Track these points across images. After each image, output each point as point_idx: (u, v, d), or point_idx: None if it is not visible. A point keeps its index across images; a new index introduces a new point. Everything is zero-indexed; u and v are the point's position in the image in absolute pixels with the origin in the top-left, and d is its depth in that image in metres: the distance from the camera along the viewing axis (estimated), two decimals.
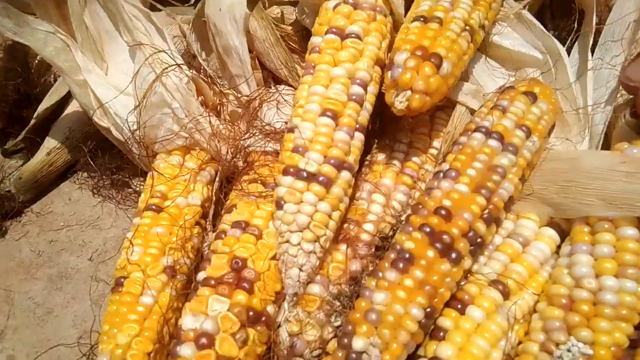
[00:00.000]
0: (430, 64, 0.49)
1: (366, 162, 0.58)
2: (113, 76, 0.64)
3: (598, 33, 0.61)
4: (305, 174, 0.47)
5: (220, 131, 0.61)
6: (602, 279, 0.43)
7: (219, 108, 0.66)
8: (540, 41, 0.62)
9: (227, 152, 0.60)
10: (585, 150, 0.54)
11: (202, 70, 0.69)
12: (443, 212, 0.46)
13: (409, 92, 0.49)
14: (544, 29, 0.62)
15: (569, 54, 0.62)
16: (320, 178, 0.47)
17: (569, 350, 0.40)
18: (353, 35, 0.53)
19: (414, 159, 0.57)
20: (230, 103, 0.65)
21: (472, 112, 0.58)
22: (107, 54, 0.65)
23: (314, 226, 0.47)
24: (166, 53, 0.59)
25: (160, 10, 0.72)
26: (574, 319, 0.42)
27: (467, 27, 0.53)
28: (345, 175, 0.49)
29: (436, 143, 0.58)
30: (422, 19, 0.53)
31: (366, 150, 0.59)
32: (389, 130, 0.60)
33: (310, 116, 0.50)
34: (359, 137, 0.51)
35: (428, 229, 0.46)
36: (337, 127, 0.50)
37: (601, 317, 0.42)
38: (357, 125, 0.51)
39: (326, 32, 0.54)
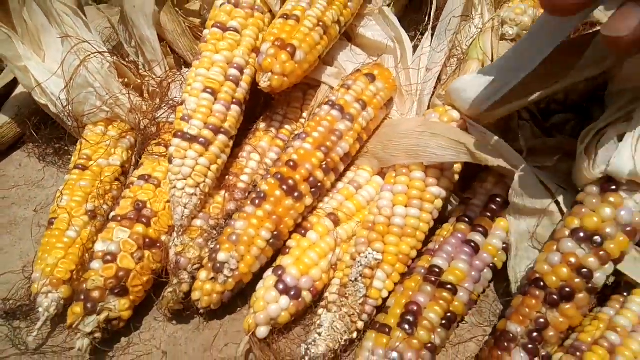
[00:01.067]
0: (285, 53, 0.65)
1: (251, 129, 0.74)
2: (48, 62, 0.78)
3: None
4: (189, 136, 0.63)
5: (140, 106, 0.76)
6: (395, 208, 0.60)
7: (142, 88, 0.81)
8: (394, 32, 0.78)
9: (141, 123, 0.75)
10: (402, 118, 0.71)
11: (128, 57, 0.84)
12: (291, 163, 0.62)
13: (269, 74, 0.65)
14: (396, 22, 0.78)
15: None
16: (200, 139, 0.63)
17: (366, 257, 0.57)
18: (232, 29, 0.68)
19: (287, 126, 0.73)
20: (149, 84, 0.80)
21: None
22: (44, 44, 0.79)
23: (194, 175, 0.62)
24: (89, 43, 0.74)
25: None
26: (372, 235, 0.59)
27: (321, 23, 0.69)
28: (222, 137, 0.65)
29: (305, 114, 0.74)
30: (284, 17, 0.68)
31: (254, 119, 0.75)
32: (271, 104, 0.76)
33: (194, 92, 0.65)
34: (235, 109, 0.67)
35: (279, 176, 0.62)
36: (215, 101, 0.65)
37: (391, 234, 0.59)
38: (234, 100, 0.67)
39: (212, 26, 0.69)
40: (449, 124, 0.62)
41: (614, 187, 0.51)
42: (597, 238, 0.50)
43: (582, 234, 0.51)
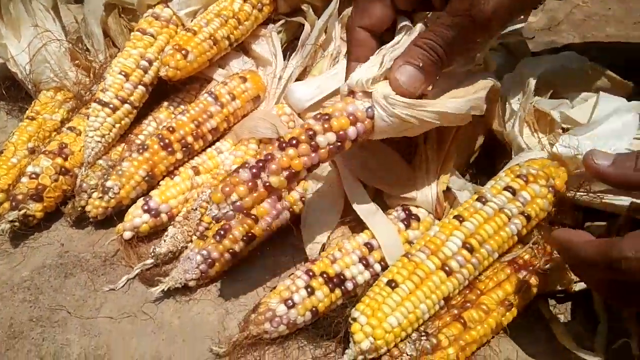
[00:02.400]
0: (180, 54, 0.93)
1: (158, 106, 1.02)
2: (22, 43, 1.06)
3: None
4: (103, 102, 0.91)
5: (81, 80, 1.04)
6: (232, 166, 0.87)
7: (89, 69, 1.09)
8: (274, 51, 1.07)
9: (80, 92, 1.03)
10: (259, 109, 0.99)
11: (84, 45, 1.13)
12: (170, 128, 0.90)
13: (167, 66, 0.93)
14: (278, 44, 1.07)
15: None
16: (110, 105, 0.91)
17: (205, 194, 0.84)
18: (149, 34, 0.97)
19: (182, 106, 1.00)
20: (93, 66, 1.08)
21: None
22: (21, 29, 1.07)
23: (102, 128, 0.90)
24: (52, 32, 1.03)
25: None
26: (213, 182, 0.86)
27: (212, 37, 0.98)
28: (127, 106, 0.93)
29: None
30: (186, 30, 0.97)
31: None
32: (176, 91, 1.05)
33: (113, 73, 0.93)
34: (141, 88, 0.95)
35: (160, 136, 0.90)
36: (126, 81, 0.93)
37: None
38: (141, 82, 0.95)
39: (136, 30, 0.98)
40: (278, 115, 0.90)
41: (351, 94, 0.68)
42: (326, 116, 0.65)
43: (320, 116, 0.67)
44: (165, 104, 1.01)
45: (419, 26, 0.67)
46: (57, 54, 1.02)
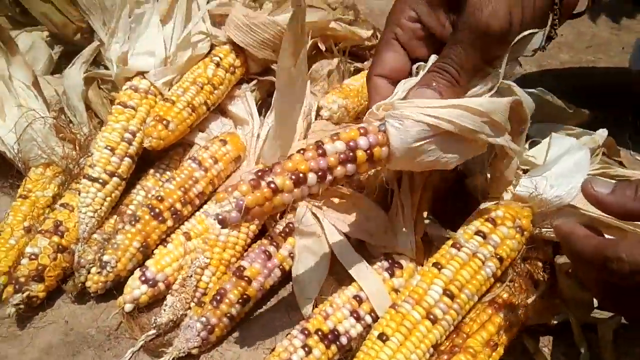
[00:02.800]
0: (162, 124, 0.98)
1: (145, 174, 1.06)
2: (8, 122, 1.10)
3: None
4: (92, 177, 0.96)
5: (69, 154, 1.08)
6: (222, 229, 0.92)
7: (75, 141, 1.14)
8: (251, 110, 1.12)
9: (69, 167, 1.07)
10: (242, 170, 1.04)
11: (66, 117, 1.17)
12: (159, 197, 0.95)
13: (150, 138, 0.98)
14: (253, 103, 1.12)
15: None
16: (100, 180, 0.96)
17: (199, 261, 0.89)
18: (130, 107, 1.02)
19: (167, 173, 1.05)
20: (78, 139, 1.12)
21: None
22: (5, 109, 1.11)
23: (94, 204, 0.94)
24: (35, 110, 1.07)
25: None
26: (205, 247, 0.91)
27: (190, 105, 1.03)
28: (115, 179, 0.97)
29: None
30: (165, 100, 1.02)
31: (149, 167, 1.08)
32: (161, 157, 1.09)
33: (99, 148, 0.98)
34: (127, 160, 0.99)
35: (150, 205, 0.94)
36: (113, 154, 0.98)
37: (216, 247, 0.91)
38: (127, 154, 0.99)
39: (117, 104, 1.03)
40: None
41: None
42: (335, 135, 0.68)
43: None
44: (152, 171, 1.06)
45: (432, 57, 0.67)
46: (43, 131, 1.06)
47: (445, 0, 0.66)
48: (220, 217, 0.53)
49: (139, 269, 0.91)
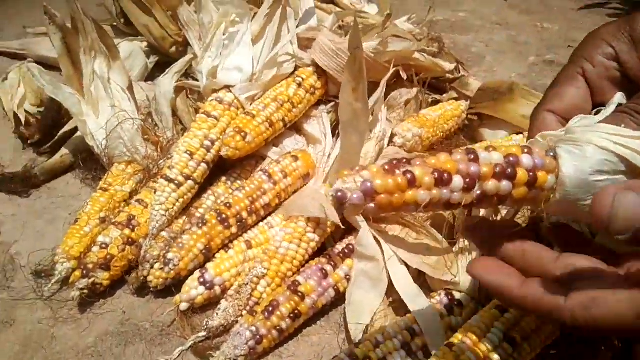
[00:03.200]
0: (240, 135, 1.02)
1: (217, 180, 1.10)
2: (101, 120, 1.18)
3: None
4: (169, 178, 1.00)
5: (150, 155, 1.15)
6: (282, 242, 0.92)
7: (158, 144, 1.20)
8: (325, 131, 1.14)
9: (149, 166, 1.13)
10: (309, 186, 1.05)
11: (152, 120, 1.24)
12: (227, 204, 0.97)
13: (227, 147, 1.01)
14: (328, 125, 1.14)
15: None
16: (176, 181, 1.00)
17: (256, 270, 0.89)
18: (213, 117, 1.07)
19: (238, 182, 1.08)
20: (161, 142, 1.18)
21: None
22: (99, 107, 1.20)
23: (167, 203, 0.98)
24: (126, 111, 1.14)
25: None
26: (264, 257, 0.91)
27: (268, 120, 1.06)
28: (190, 182, 1.01)
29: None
30: (246, 113, 1.06)
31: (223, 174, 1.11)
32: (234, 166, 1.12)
33: (179, 152, 1.03)
34: (204, 166, 1.03)
35: (218, 211, 0.97)
36: (191, 159, 1.02)
37: (275, 259, 0.91)
38: (204, 160, 1.03)
39: (201, 113, 1.08)
40: (326, 194, 0.96)
41: None
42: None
43: None
44: (224, 178, 1.09)
45: (619, 95, 0.55)
46: (131, 131, 1.13)
47: None
48: (339, 193, 0.42)
49: (199, 270, 0.93)
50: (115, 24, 1.65)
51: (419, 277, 0.90)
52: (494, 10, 2.28)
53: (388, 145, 1.11)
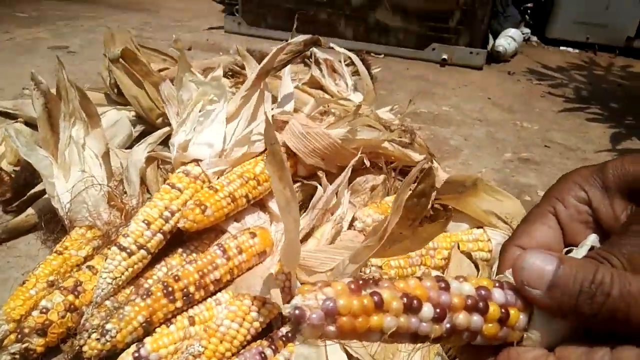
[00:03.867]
0: (199, 208, 1.03)
1: (173, 252, 1.09)
2: (69, 183, 1.20)
3: None
4: (121, 246, 1.00)
5: (112, 221, 1.15)
6: (224, 320, 0.90)
7: (123, 210, 1.21)
8: None
9: (112, 232, 1.13)
10: (262, 264, 1.04)
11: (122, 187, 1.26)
12: (176, 277, 0.96)
13: (185, 219, 1.02)
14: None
15: None
16: (128, 250, 0.99)
17: (193, 347, 0.87)
18: (176, 188, 1.08)
19: (194, 254, 1.08)
20: (126, 209, 1.19)
21: None
22: (71, 171, 1.22)
23: (115, 271, 0.97)
24: (94, 177, 1.16)
25: None
26: (204, 334, 0.89)
27: (231, 195, 1.07)
28: (142, 252, 1.01)
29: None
30: (209, 187, 1.08)
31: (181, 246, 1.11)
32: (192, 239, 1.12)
33: (137, 221, 1.03)
34: (159, 236, 1.03)
35: (165, 283, 0.96)
36: (147, 229, 1.02)
37: (214, 337, 0.88)
38: (160, 231, 1.04)
39: (166, 184, 1.09)
40: (275, 274, 0.95)
41: None
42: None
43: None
44: (180, 250, 1.09)
45: (592, 237, 0.54)
46: (96, 196, 1.14)
47: (626, 187, 0.56)
48: (297, 311, 0.38)
49: (136, 344, 0.90)
50: (108, 92, 1.72)
51: None
52: (477, 107, 2.38)
53: (348, 229, 1.11)
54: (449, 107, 2.35)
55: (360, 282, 0.42)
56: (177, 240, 1.11)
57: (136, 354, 0.88)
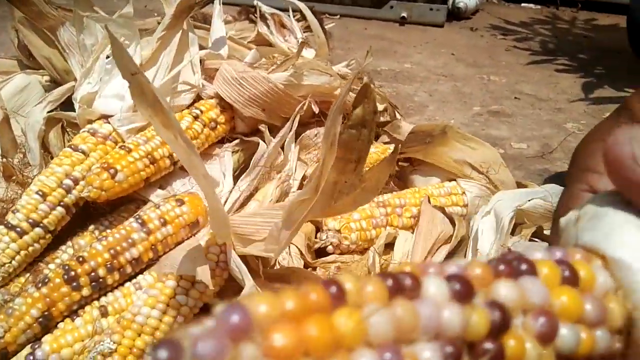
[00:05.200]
0: (107, 173, 0.82)
1: (84, 230, 0.89)
2: None
3: None
4: (9, 225, 0.79)
5: (7, 197, 0.94)
6: (142, 308, 0.71)
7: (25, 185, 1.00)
8: (224, 169, 0.96)
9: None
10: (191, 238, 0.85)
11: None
12: (80, 258, 0.76)
13: (90, 187, 0.82)
14: (230, 166, 0.96)
15: None
16: (17, 229, 0.79)
17: (102, 345, 0.68)
18: (80, 151, 0.88)
19: (108, 231, 0.88)
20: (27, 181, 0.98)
21: None
22: None
23: (2, 256, 0.77)
24: None
25: None
26: (116, 328, 0.70)
27: (149, 156, 0.87)
28: (38, 230, 0.80)
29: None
30: (121, 147, 0.88)
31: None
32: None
33: (29, 192, 0.82)
34: (60, 210, 0.83)
35: (66, 267, 0.76)
36: (43, 201, 0.82)
37: (130, 330, 0.70)
38: (61, 203, 0.83)
39: (67, 147, 0.89)
40: (206, 247, 0.76)
41: None
42: None
43: None
44: (92, 227, 0.89)
45: None
46: None
47: None
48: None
49: (31, 344, 0.71)
50: (19, 57, 1.47)
51: None
52: (440, 63, 2.22)
53: (299, 189, 0.93)
54: (411, 65, 2.18)
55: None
56: (89, 215, 0.90)
57: (30, 357, 0.68)
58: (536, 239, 0.72)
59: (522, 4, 3.46)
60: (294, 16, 1.84)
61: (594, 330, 0.24)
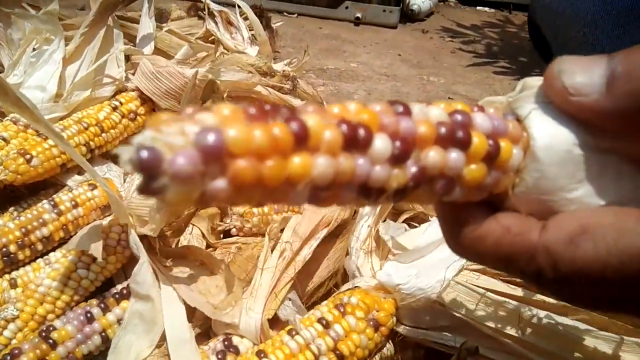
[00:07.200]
0: (23, 158, 0.89)
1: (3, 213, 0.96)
2: None
3: None
4: None
5: None
6: (45, 279, 0.79)
7: None
8: None
9: None
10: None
11: None
12: None
13: (6, 170, 0.89)
14: None
15: None
16: None
17: (5, 311, 0.75)
18: (0, 138, 0.94)
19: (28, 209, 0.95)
20: None
21: None
22: None
23: None
24: None
25: None
26: (20, 296, 0.77)
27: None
28: None
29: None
30: (39, 135, 0.94)
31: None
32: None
33: None
34: None
35: None
36: None
37: (32, 299, 0.77)
38: None
39: None
40: (109, 226, 0.84)
41: None
42: None
43: None
44: (11, 209, 0.95)
45: None
46: None
47: None
48: (144, 153, 0.20)
49: None
50: None
51: (207, 321, 0.78)
52: (385, 63, 2.32)
53: None
54: (357, 64, 2.28)
55: (268, 106, 0.25)
56: (11, 198, 0.97)
57: None
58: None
59: (478, 7, 3.59)
60: (241, 14, 1.92)
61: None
